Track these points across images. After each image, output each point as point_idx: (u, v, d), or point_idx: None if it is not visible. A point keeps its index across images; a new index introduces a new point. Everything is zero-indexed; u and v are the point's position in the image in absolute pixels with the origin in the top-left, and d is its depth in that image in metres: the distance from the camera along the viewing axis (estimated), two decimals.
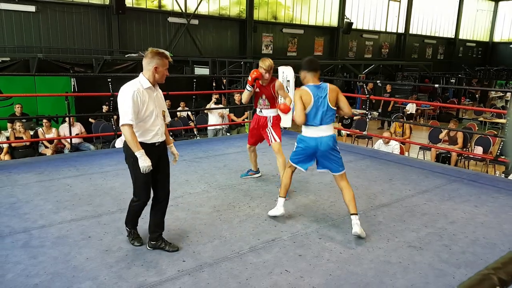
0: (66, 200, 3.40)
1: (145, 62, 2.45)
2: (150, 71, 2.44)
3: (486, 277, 0.47)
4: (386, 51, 22.15)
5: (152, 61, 2.42)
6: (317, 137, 2.86)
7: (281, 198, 3.10)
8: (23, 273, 2.27)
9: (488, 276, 0.47)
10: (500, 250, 2.74)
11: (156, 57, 2.42)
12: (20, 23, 11.34)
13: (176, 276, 2.29)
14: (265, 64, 3.58)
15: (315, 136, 2.86)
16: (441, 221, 3.20)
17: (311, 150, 2.90)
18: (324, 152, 2.87)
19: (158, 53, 2.44)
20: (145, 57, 2.44)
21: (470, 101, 17.19)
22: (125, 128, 2.36)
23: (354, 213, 2.84)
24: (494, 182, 4.39)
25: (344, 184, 2.93)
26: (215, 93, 8.65)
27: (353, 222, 2.83)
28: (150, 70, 2.43)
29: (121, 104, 2.39)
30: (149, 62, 2.42)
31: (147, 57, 2.43)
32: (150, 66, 2.43)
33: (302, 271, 2.39)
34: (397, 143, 6.35)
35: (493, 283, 0.46)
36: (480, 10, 27.78)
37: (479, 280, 0.46)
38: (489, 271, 0.48)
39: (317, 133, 2.86)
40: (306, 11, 18.27)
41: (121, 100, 2.39)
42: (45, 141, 6.81)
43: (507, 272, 0.48)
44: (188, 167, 4.52)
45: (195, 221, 3.05)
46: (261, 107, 3.81)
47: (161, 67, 2.43)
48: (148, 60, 2.43)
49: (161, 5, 14.11)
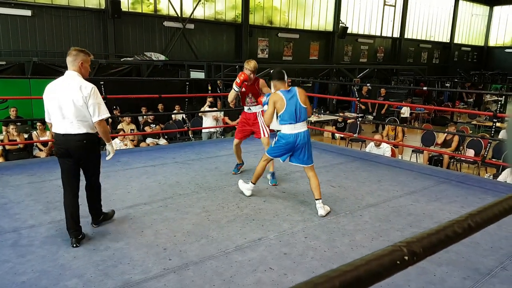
0: (56, 201, 3.43)
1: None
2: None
3: (397, 249, 0.51)
4: (382, 55, 22.31)
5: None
6: (296, 133, 3.32)
7: (252, 184, 3.64)
8: (11, 271, 2.30)
9: (398, 247, 0.52)
10: (483, 249, 2.79)
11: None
12: (16, 27, 11.39)
13: (161, 274, 2.33)
14: (250, 65, 3.92)
15: (294, 132, 3.32)
16: (426, 221, 3.25)
17: (291, 145, 3.34)
18: (301, 145, 3.33)
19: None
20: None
21: (465, 104, 17.33)
22: (104, 121, 2.68)
23: (318, 198, 3.32)
24: (482, 183, 4.45)
25: (312, 174, 3.40)
26: (209, 96, 8.70)
27: (317, 206, 3.30)
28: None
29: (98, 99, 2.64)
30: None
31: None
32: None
33: (286, 268, 2.43)
34: (388, 146, 6.41)
35: (402, 254, 0.51)
36: (475, 14, 28.05)
37: (389, 251, 0.50)
38: (401, 243, 0.53)
39: (295, 130, 3.32)
40: (301, 15, 18.42)
41: (97, 95, 2.63)
42: (39, 144, 6.84)
43: (420, 245, 0.53)
44: (180, 169, 4.57)
45: (183, 221, 3.09)
46: (249, 105, 4.14)
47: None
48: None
49: (156, 9, 14.21)
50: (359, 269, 0.46)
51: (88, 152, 2.70)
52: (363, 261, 0.49)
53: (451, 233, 0.53)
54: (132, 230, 2.90)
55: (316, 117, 10.94)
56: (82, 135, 2.61)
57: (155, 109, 9.30)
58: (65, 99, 2.58)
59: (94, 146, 2.73)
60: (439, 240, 0.53)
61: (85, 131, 2.61)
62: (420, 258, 0.54)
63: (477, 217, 0.55)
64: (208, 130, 8.04)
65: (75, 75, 2.62)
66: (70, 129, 2.60)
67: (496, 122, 4.69)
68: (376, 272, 0.47)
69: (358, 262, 0.48)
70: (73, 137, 2.60)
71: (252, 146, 5.59)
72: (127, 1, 13.39)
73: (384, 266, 0.48)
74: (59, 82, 2.65)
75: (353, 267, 0.46)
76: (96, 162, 2.82)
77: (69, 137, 2.61)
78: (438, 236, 0.53)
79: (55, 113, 2.61)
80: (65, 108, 2.58)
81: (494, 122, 4.69)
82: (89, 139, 2.65)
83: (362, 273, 0.46)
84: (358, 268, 0.46)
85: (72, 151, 2.63)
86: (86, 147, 2.66)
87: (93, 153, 2.75)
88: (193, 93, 9.68)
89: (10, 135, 6.43)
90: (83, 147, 2.64)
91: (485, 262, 2.61)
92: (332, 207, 3.48)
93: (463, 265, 2.56)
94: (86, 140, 2.63)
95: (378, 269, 0.47)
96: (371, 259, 0.49)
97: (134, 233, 2.85)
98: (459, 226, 0.54)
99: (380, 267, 0.48)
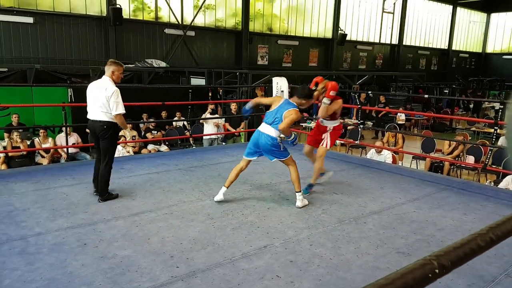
0: (62, 208, 3.45)
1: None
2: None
3: (427, 262, 0.54)
4: (380, 62, 22.45)
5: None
6: (260, 131, 3.59)
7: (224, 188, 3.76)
8: (20, 279, 2.32)
9: (429, 261, 0.55)
10: (487, 257, 2.82)
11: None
12: (18, 34, 11.45)
13: (169, 282, 2.35)
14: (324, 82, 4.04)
15: (259, 129, 3.61)
16: (429, 228, 3.28)
17: (254, 139, 3.61)
18: (263, 147, 3.57)
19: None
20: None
21: (464, 111, 17.43)
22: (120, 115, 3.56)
23: (298, 191, 3.59)
24: (483, 190, 4.48)
25: (290, 167, 3.63)
26: (210, 103, 8.75)
27: (297, 198, 3.59)
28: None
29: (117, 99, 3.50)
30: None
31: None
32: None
33: (292, 276, 2.45)
34: (389, 153, 6.45)
35: (433, 267, 0.54)
36: (472, 21, 28.31)
37: (421, 264, 0.53)
38: (431, 257, 0.56)
39: (261, 129, 3.59)
40: (301, 23, 18.56)
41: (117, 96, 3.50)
42: (42, 151, 6.86)
43: (447, 258, 0.56)
44: (183, 176, 4.59)
45: (189, 228, 3.11)
46: (323, 118, 4.17)
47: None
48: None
49: (158, 16, 14.31)
50: (395, 282, 0.49)
51: (105, 134, 3.59)
52: (398, 274, 0.52)
53: (475, 246, 0.56)
54: (138, 237, 2.92)
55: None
56: (103, 122, 3.56)
57: (156, 116, 9.34)
58: (96, 95, 3.55)
59: (110, 130, 3.61)
60: (465, 253, 0.56)
61: (106, 119, 3.56)
62: (448, 271, 0.57)
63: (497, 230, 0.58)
64: (209, 137, 8.07)
65: (107, 79, 3.56)
66: (96, 116, 3.57)
67: (498, 129, 4.74)
68: (410, 285, 0.50)
69: (394, 276, 0.51)
70: (98, 123, 3.57)
71: None
72: (129, 8, 13.49)
73: (417, 279, 0.51)
74: (96, 82, 3.64)
75: (390, 281, 0.49)
76: (110, 144, 3.66)
77: (96, 122, 3.59)
78: (464, 249, 0.56)
79: (90, 104, 3.62)
80: (95, 101, 3.55)
81: (495, 129, 4.74)
82: (108, 125, 3.58)
83: (398, 286, 0.49)
84: (394, 282, 0.49)
85: (96, 131, 3.62)
86: (105, 130, 3.58)
87: (108, 136, 3.61)
88: (194, 100, 9.72)
89: (14, 141, 6.44)
90: (102, 130, 3.58)
91: (489, 269, 2.63)
92: (336, 214, 3.50)
93: (467, 272, 2.58)
94: (106, 125, 3.57)
95: (412, 283, 0.50)
96: (405, 273, 0.52)
97: (141, 240, 2.87)
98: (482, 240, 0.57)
99: (414, 280, 0.51)
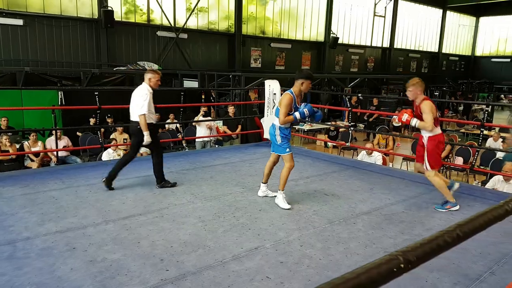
0: (51, 212, 3.43)
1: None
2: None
3: (393, 257, 0.57)
4: (372, 65, 22.68)
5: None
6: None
7: (262, 184, 4.06)
8: (8, 284, 2.30)
9: (395, 256, 0.57)
10: (472, 255, 2.87)
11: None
12: (8, 37, 11.35)
13: (159, 285, 2.35)
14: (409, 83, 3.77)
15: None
16: (417, 228, 3.32)
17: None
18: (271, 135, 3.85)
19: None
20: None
21: (453, 113, 17.67)
22: (142, 115, 3.94)
23: (280, 190, 3.72)
24: (470, 190, 4.55)
25: (285, 164, 3.76)
26: (203, 106, 8.76)
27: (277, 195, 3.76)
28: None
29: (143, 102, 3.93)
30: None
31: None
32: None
33: (282, 277, 2.47)
34: (380, 154, 6.52)
35: (398, 262, 0.56)
36: (462, 25, 28.77)
37: (387, 260, 0.56)
38: (398, 253, 0.58)
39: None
40: (293, 26, 18.68)
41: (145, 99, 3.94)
42: (31, 155, 6.80)
43: (413, 254, 0.58)
44: (175, 178, 4.58)
45: (179, 231, 3.11)
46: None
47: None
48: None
49: (150, 19, 14.29)
50: (360, 276, 0.51)
51: (138, 133, 4.01)
52: (364, 269, 0.54)
53: (442, 242, 0.58)
54: (128, 241, 2.92)
55: (309, 126, 11.07)
56: (136, 122, 4.01)
57: None
58: (133, 98, 4.05)
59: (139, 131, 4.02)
60: (431, 249, 0.58)
61: (138, 120, 3.97)
62: (414, 266, 0.60)
63: (465, 227, 0.60)
64: (202, 140, 8.06)
65: (144, 85, 4.03)
66: (132, 117, 4.06)
67: (483, 130, 4.82)
68: (375, 279, 0.52)
69: (360, 270, 0.54)
70: (133, 123, 4.06)
71: (251, 155, 5.60)
72: (120, 10, 13.45)
73: (382, 274, 0.53)
74: (137, 88, 4.11)
75: (355, 275, 0.51)
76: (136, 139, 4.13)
77: (132, 123, 4.08)
78: (430, 245, 0.58)
79: (130, 106, 4.07)
80: (132, 103, 4.05)
81: (482, 131, 4.83)
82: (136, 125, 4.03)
83: (363, 280, 0.51)
84: (359, 276, 0.51)
85: (130, 131, 4.39)
86: (138, 129, 4.00)
87: (141, 134, 3.99)
88: (187, 102, 9.72)
89: (3, 145, 6.38)
90: (136, 129, 4.04)
91: (474, 267, 2.68)
92: (327, 215, 3.53)
93: (453, 271, 2.63)
94: (139, 125, 3.99)
95: (377, 277, 0.52)
96: (370, 267, 0.54)
97: (131, 244, 2.87)
98: (449, 236, 0.59)
99: (379, 274, 0.53)
